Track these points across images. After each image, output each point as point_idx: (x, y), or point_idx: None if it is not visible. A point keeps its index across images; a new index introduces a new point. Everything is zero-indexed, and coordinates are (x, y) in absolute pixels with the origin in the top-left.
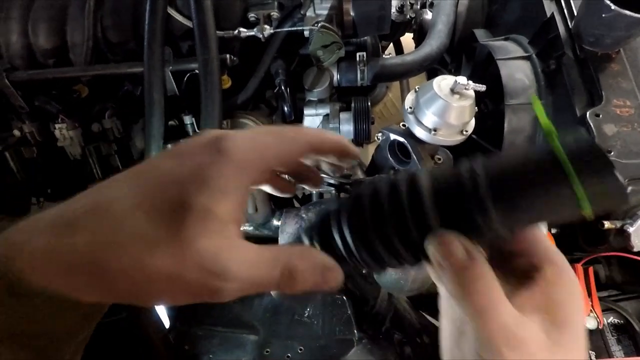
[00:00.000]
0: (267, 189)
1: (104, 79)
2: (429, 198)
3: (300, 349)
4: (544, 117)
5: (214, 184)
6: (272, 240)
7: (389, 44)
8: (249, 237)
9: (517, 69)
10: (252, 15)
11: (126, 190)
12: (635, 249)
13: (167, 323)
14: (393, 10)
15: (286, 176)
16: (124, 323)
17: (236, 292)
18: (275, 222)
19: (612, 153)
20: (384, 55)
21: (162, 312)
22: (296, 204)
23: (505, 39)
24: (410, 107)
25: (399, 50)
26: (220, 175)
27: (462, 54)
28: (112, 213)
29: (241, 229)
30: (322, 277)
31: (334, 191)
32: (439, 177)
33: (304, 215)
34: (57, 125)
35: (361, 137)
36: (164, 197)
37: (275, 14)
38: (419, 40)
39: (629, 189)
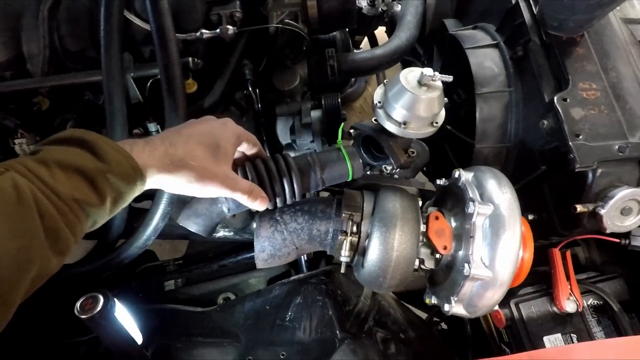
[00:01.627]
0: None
1: (64, 89)
2: (295, 172)
3: (283, 354)
4: (340, 139)
5: (227, 140)
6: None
7: (363, 38)
8: (228, 243)
9: (485, 57)
10: (214, 16)
11: (189, 135)
12: (608, 231)
13: (139, 339)
14: (365, 4)
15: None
16: (95, 342)
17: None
18: (255, 226)
19: (581, 137)
20: (354, 50)
21: (132, 328)
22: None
23: (474, 28)
24: (379, 102)
25: (374, 44)
26: (228, 137)
27: (434, 45)
28: (189, 144)
29: (222, 234)
30: (262, 198)
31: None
32: (297, 159)
33: (278, 218)
34: (16, 141)
35: (332, 134)
36: (208, 141)
37: (238, 13)
38: (390, 33)
39: (599, 171)
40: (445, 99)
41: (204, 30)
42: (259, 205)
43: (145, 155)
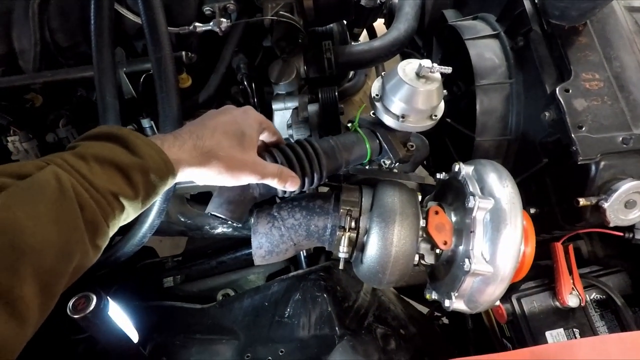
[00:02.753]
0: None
1: (56, 85)
2: (321, 153)
3: (282, 351)
4: (357, 120)
5: (251, 127)
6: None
7: (362, 31)
8: (227, 239)
9: (486, 48)
10: (207, 9)
11: (215, 127)
12: (611, 224)
13: (134, 337)
14: None
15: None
16: (93, 340)
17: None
18: (252, 222)
19: (583, 128)
20: (352, 43)
21: (128, 327)
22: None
23: (474, 18)
24: (377, 95)
25: (373, 36)
26: (252, 124)
27: (433, 36)
28: (215, 135)
29: (221, 230)
30: (292, 178)
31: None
32: (321, 143)
33: (275, 214)
34: (9, 138)
35: (329, 128)
36: (233, 130)
37: (231, 5)
38: (389, 25)
39: (602, 164)
40: (445, 91)
41: (197, 24)
42: (290, 186)
43: (175, 149)
